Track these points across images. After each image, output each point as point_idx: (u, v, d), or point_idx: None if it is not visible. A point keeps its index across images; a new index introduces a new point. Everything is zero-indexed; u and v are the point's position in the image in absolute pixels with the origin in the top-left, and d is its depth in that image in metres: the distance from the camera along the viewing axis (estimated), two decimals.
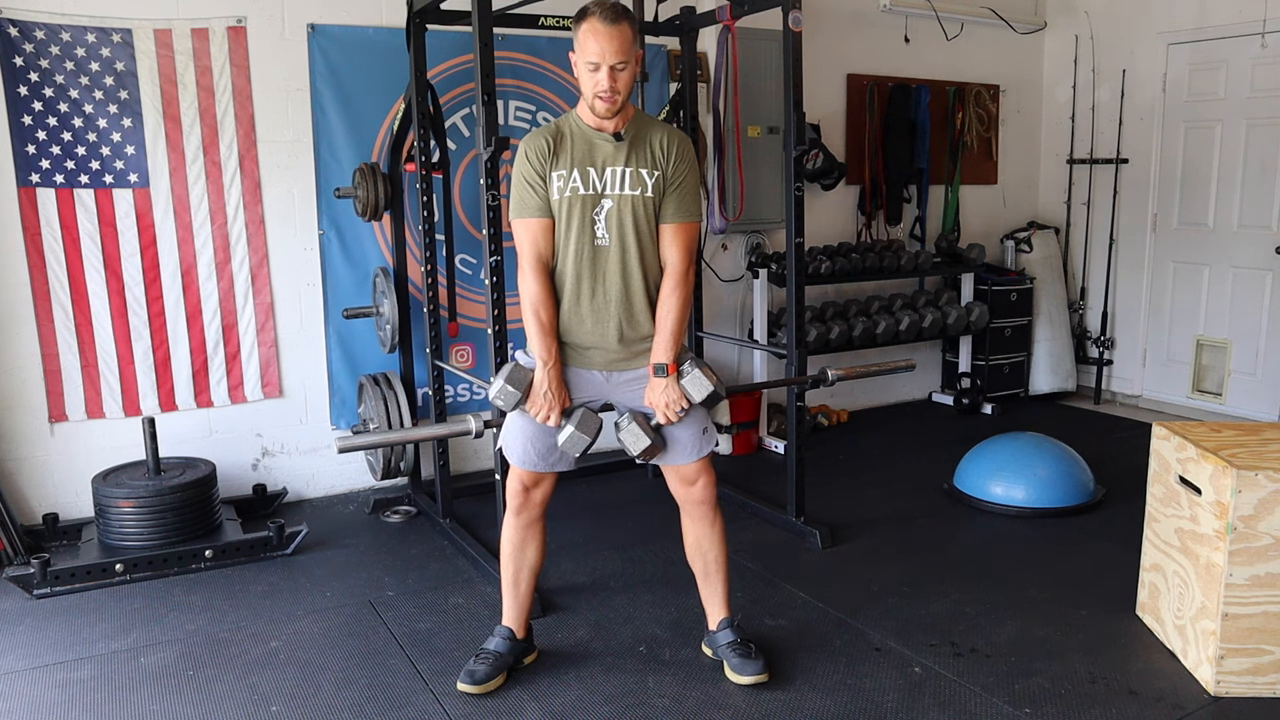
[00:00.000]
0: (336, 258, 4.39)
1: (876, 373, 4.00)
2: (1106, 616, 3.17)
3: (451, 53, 4.36)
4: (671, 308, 2.61)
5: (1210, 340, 5.74)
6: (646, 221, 2.61)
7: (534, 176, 2.58)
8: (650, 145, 2.61)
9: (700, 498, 2.71)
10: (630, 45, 2.51)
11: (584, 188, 2.58)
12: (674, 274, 2.62)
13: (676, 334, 2.61)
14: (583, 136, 2.60)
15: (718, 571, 2.82)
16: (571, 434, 2.59)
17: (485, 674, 2.74)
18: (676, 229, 2.63)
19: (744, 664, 2.77)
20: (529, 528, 2.77)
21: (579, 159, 2.58)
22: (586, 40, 2.49)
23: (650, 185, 2.59)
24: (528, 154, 2.59)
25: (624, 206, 2.59)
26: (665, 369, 2.59)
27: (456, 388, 4.68)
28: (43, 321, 3.90)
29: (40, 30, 3.75)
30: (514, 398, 2.58)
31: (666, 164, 2.61)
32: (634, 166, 2.59)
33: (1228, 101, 5.52)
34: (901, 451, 5.19)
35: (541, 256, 2.60)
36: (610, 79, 2.49)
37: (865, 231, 5.86)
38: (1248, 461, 2.63)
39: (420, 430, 3.76)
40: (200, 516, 3.75)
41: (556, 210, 2.59)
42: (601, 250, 2.61)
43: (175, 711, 2.68)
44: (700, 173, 4.62)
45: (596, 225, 2.60)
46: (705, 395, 2.57)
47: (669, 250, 2.63)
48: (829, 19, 5.45)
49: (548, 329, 2.60)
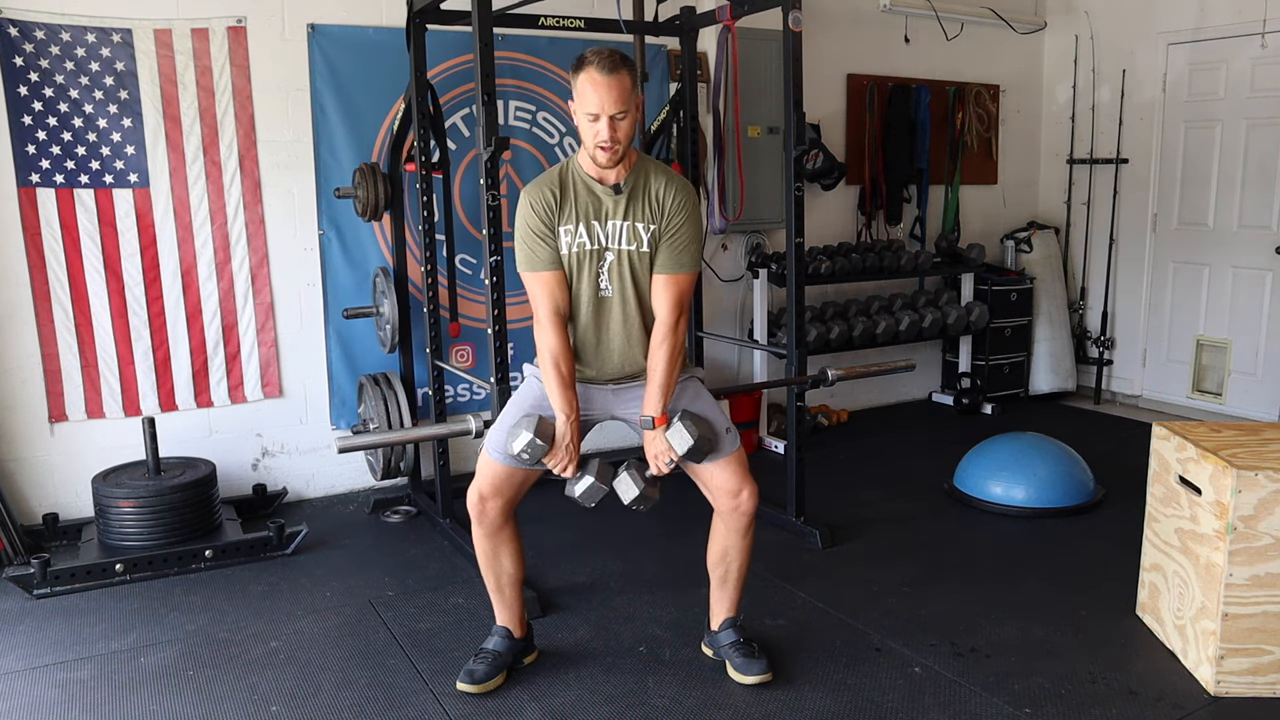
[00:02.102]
0: (336, 258, 4.39)
1: (876, 373, 4.01)
2: (1106, 616, 3.17)
3: (451, 53, 4.36)
4: (659, 360, 2.61)
5: (1210, 340, 5.73)
6: (645, 274, 2.64)
7: (542, 230, 2.59)
8: (649, 197, 2.61)
9: (745, 509, 2.67)
10: (630, 94, 2.50)
11: (590, 242, 2.60)
12: (662, 326, 2.63)
13: (664, 387, 2.61)
14: (585, 188, 2.60)
15: (738, 579, 2.81)
16: (591, 484, 2.61)
17: (484, 673, 2.74)
18: (667, 280, 2.63)
19: (748, 664, 2.77)
20: (495, 536, 2.70)
21: (583, 212, 2.60)
22: (585, 91, 2.48)
23: (646, 240, 2.61)
24: (533, 207, 2.59)
25: (623, 260, 2.62)
26: (652, 422, 2.61)
27: (456, 388, 4.68)
28: (43, 321, 3.90)
29: (40, 30, 3.75)
30: (542, 451, 2.55)
31: (663, 216, 2.61)
32: (632, 220, 2.60)
33: (1228, 101, 5.52)
34: (901, 451, 5.19)
35: (559, 309, 2.61)
36: (610, 129, 2.49)
37: (865, 231, 5.86)
38: (1248, 461, 2.63)
39: (420, 430, 3.76)
40: (200, 516, 3.75)
41: (566, 263, 2.62)
42: (605, 301, 2.64)
43: (175, 711, 2.68)
44: (700, 173, 4.66)
45: (600, 278, 2.63)
46: (686, 449, 2.56)
47: (658, 301, 2.64)
48: (829, 19, 5.45)
49: (568, 382, 2.61)
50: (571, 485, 2.64)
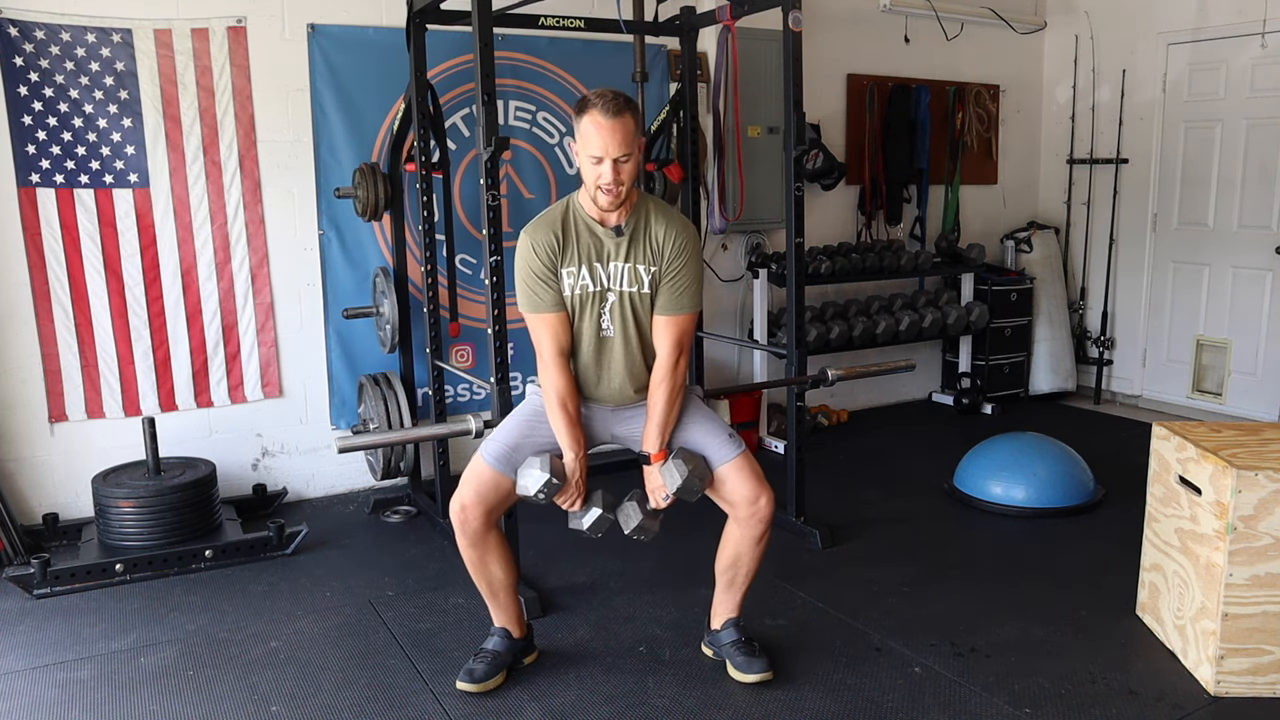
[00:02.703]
0: (336, 258, 4.39)
1: (876, 373, 4.01)
2: (1106, 616, 3.17)
3: (451, 53, 4.36)
4: (658, 400, 2.63)
5: (1210, 340, 5.73)
6: (646, 315, 2.67)
7: (545, 273, 2.60)
8: (650, 239, 2.62)
9: (763, 515, 2.66)
10: (633, 136, 2.50)
11: (592, 284, 2.62)
12: (662, 366, 2.65)
13: (662, 425, 2.64)
14: (587, 230, 2.62)
15: (745, 583, 2.81)
16: (599, 516, 2.66)
17: (484, 673, 2.74)
18: (668, 321, 2.65)
19: (749, 663, 2.77)
20: (479, 545, 2.68)
21: (585, 255, 2.61)
22: (589, 133, 2.49)
23: (647, 282, 2.63)
24: (535, 249, 2.59)
25: (625, 302, 2.64)
26: (648, 459, 2.65)
27: (456, 388, 4.68)
28: (43, 321, 3.90)
29: (40, 30, 3.75)
30: (556, 489, 2.60)
31: (663, 259, 2.62)
32: (633, 263, 2.62)
33: (1228, 101, 5.52)
34: (901, 451, 5.19)
35: (563, 349, 2.64)
36: (614, 172, 2.49)
37: (865, 231, 5.86)
38: (1248, 461, 2.63)
39: (420, 430, 3.76)
40: (200, 516, 3.75)
41: (568, 304, 2.63)
42: (607, 340, 2.67)
43: (175, 711, 2.68)
44: (700, 173, 4.66)
45: (603, 318, 2.65)
46: (675, 488, 2.60)
47: (659, 341, 2.66)
48: (829, 19, 5.45)
49: (574, 420, 2.64)
50: (578, 518, 2.69)
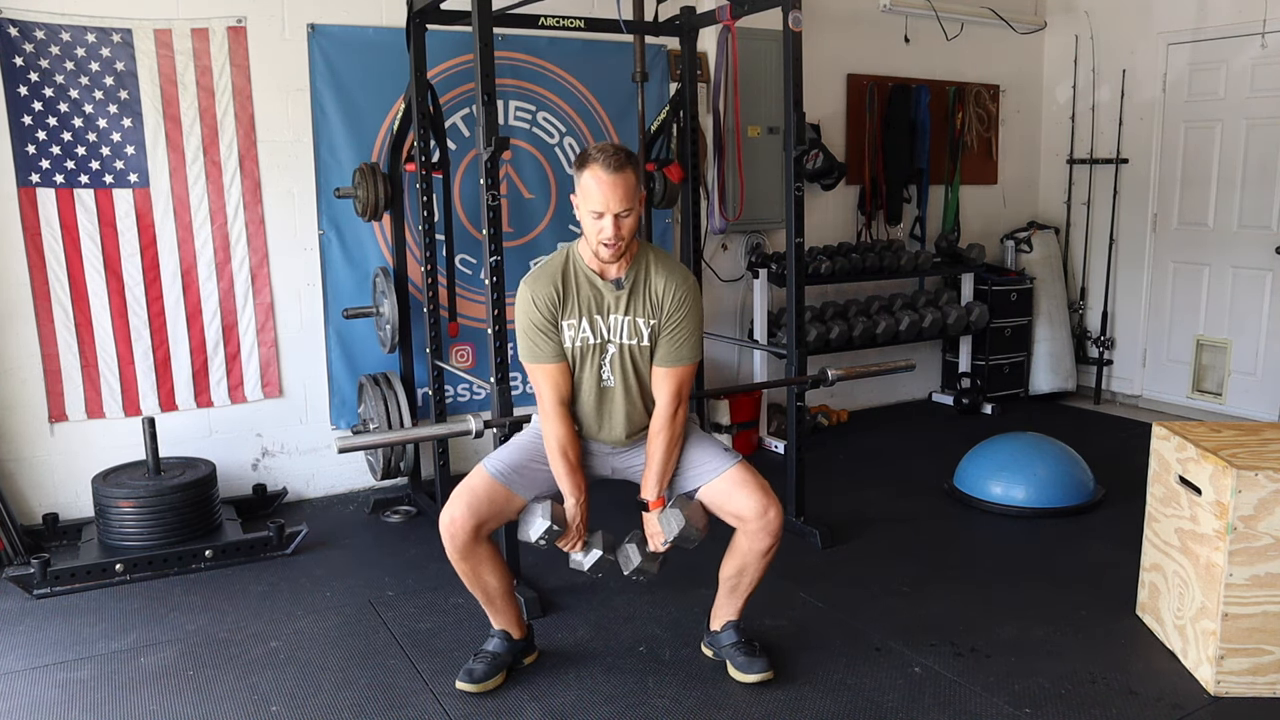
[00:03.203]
0: (336, 258, 4.39)
1: (876, 373, 4.01)
2: (1106, 616, 3.17)
3: (451, 53, 4.36)
4: (657, 448, 2.66)
5: (1210, 340, 5.74)
6: (646, 366, 2.69)
7: (545, 325, 2.62)
8: (650, 292, 2.63)
9: (772, 527, 2.65)
10: (634, 191, 2.51)
11: (593, 336, 2.64)
12: (660, 416, 2.66)
13: (660, 474, 2.66)
14: (587, 282, 2.63)
15: (748, 590, 2.81)
16: (600, 558, 2.71)
17: (483, 673, 2.74)
18: (667, 373, 2.66)
19: (749, 663, 2.77)
20: (470, 558, 2.67)
21: (585, 307, 2.62)
22: (589, 188, 2.50)
23: (647, 335, 2.65)
24: (535, 302, 2.61)
25: (625, 354, 2.66)
26: (646, 505, 2.68)
27: (456, 388, 4.68)
28: (43, 321, 3.90)
29: (40, 30, 3.75)
30: (558, 535, 2.65)
31: (662, 312, 2.63)
32: (633, 315, 2.63)
33: (1228, 101, 5.52)
34: (901, 451, 5.19)
35: (563, 399, 2.66)
36: (615, 227, 2.50)
37: (865, 231, 5.86)
38: (1248, 461, 2.63)
39: (420, 430, 3.76)
40: (200, 516, 3.75)
41: (568, 356, 2.65)
42: (608, 390, 2.69)
43: (175, 711, 2.68)
44: (700, 173, 4.66)
45: (603, 369, 2.67)
46: (673, 536, 2.63)
47: (658, 392, 2.68)
48: (829, 19, 5.45)
49: (575, 467, 2.67)
50: (579, 559, 2.73)
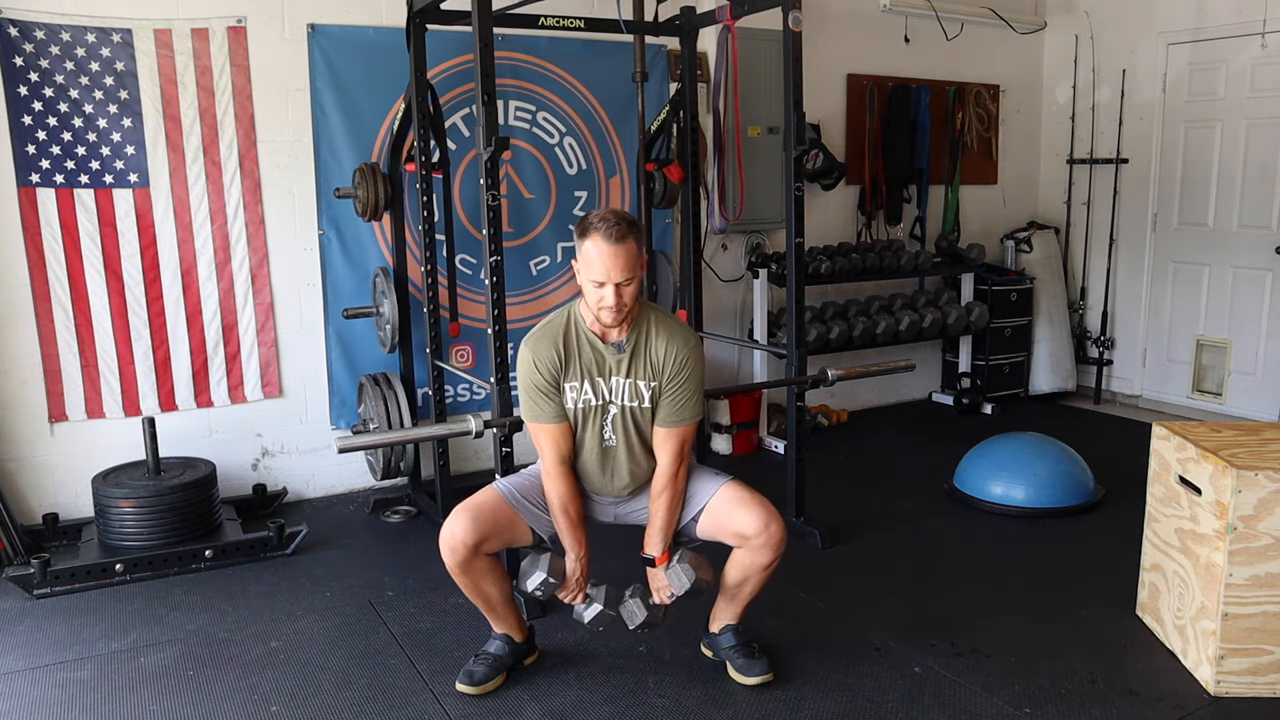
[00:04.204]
0: (336, 258, 4.39)
1: (876, 373, 4.01)
2: (1106, 616, 3.17)
3: (451, 53, 4.36)
4: (660, 507, 2.67)
5: (1210, 340, 5.73)
6: (648, 425, 2.70)
7: (547, 387, 2.63)
8: (650, 355, 2.64)
9: (774, 541, 2.63)
10: (635, 260, 2.52)
11: (595, 398, 2.65)
12: (663, 475, 2.68)
13: (665, 530, 2.68)
14: (589, 344, 2.64)
15: (749, 599, 2.81)
16: (600, 612, 2.71)
17: (484, 675, 2.74)
18: (669, 433, 2.67)
19: (750, 664, 2.77)
20: (469, 572, 2.67)
21: (587, 369, 2.63)
22: (590, 257, 2.50)
23: (648, 397, 2.66)
24: (537, 365, 2.62)
25: (626, 415, 2.67)
26: (653, 561, 2.69)
27: (456, 388, 4.68)
28: (43, 321, 3.90)
29: (40, 30, 3.75)
30: (554, 588, 2.68)
31: (663, 374, 2.64)
32: (634, 378, 2.64)
33: (1228, 101, 5.52)
34: (901, 451, 5.19)
35: (564, 458, 2.68)
36: (616, 296, 2.51)
37: (865, 231, 5.86)
38: (1248, 461, 2.63)
39: (420, 430, 3.76)
40: (200, 516, 3.75)
41: (571, 416, 2.66)
42: (610, 449, 2.70)
43: (175, 711, 2.68)
44: (700, 173, 4.66)
45: (605, 429, 2.68)
46: (684, 590, 2.65)
47: (659, 452, 2.69)
48: (829, 19, 5.44)
49: (576, 523, 2.68)
50: (580, 611, 2.74)
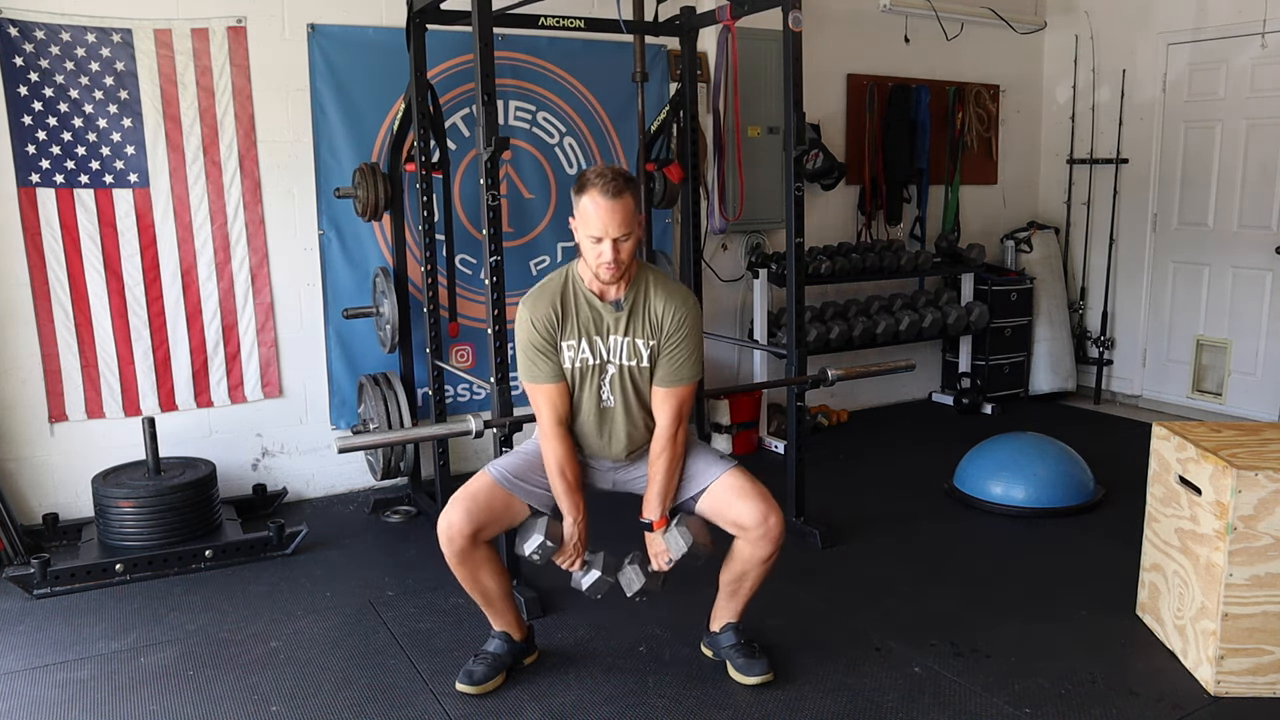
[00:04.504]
0: (336, 258, 4.39)
1: (876, 373, 4.01)
2: (1106, 616, 3.17)
3: (451, 53, 4.36)
4: (659, 469, 2.65)
5: (1210, 340, 5.74)
6: (646, 386, 2.69)
7: (544, 345, 2.62)
8: (649, 313, 2.63)
9: (773, 534, 2.64)
10: (633, 215, 2.52)
11: (592, 357, 2.64)
12: (661, 436, 2.66)
13: (663, 494, 2.66)
14: (586, 303, 2.63)
15: (749, 594, 2.81)
16: (598, 579, 2.68)
17: (483, 674, 2.75)
18: (666, 393, 2.66)
19: (750, 664, 2.77)
20: (467, 563, 2.68)
21: (584, 327, 2.63)
22: (588, 213, 2.50)
23: (646, 356, 2.65)
24: (534, 323, 2.61)
25: (624, 374, 2.66)
26: (650, 526, 2.67)
27: (456, 388, 4.68)
28: (43, 321, 3.90)
29: (40, 30, 3.75)
30: (552, 551, 2.65)
31: (661, 333, 2.63)
32: (632, 337, 2.63)
33: (1228, 101, 5.52)
34: (901, 451, 5.19)
35: (561, 418, 2.66)
36: (614, 251, 2.51)
37: (865, 231, 5.86)
38: (1248, 461, 2.63)
39: (420, 430, 3.76)
40: (200, 516, 3.75)
41: (569, 376, 2.65)
42: (608, 410, 2.69)
43: (175, 711, 2.68)
44: (700, 173, 4.66)
45: (603, 389, 2.67)
46: (680, 555, 2.62)
47: (658, 412, 2.68)
48: (829, 19, 5.45)
49: (574, 487, 2.66)
50: (578, 579, 2.72)
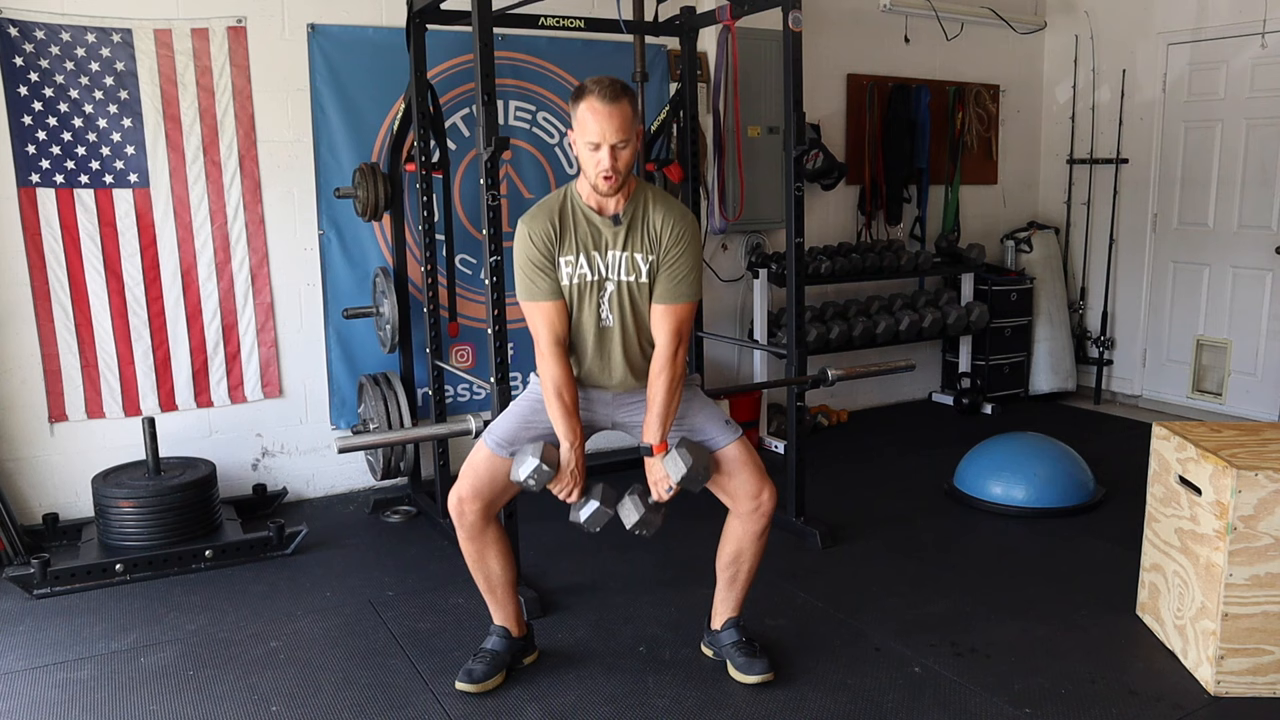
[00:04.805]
0: (336, 258, 4.39)
1: (876, 373, 4.01)
2: (1106, 616, 3.17)
3: (451, 53, 4.36)
4: (658, 390, 2.62)
5: (1210, 340, 5.74)
6: (645, 303, 2.65)
7: (542, 261, 2.59)
8: (648, 227, 2.61)
9: (765, 509, 2.66)
10: (630, 123, 2.50)
11: (590, 273, 2.62)
12: (661, 356, 2.63)
13: (664, 416, 2.62)
14: (584, 219, 2.61)
15: (746, 580, 2.81)
16: (596, 509, 2.63)
17: (483, 673, 2.74)
18: (665, 310, 2.63)
19: (750, 663, 2.77)
20: (478, 540, 2.69)
21: (583, 243, 2.60)
22: (586, 119, 2.49)
23: (645, 271, 2.62)
24: (532, 238, 2.59)
25: (623, 291, 2.63)
26: (650, 450, 2.63)
27: (456, 388, 4.68)
28: (43, 321, 3.90)
29: (40, 30, 3.75)
30: (548, 477, 2.59)
31: (660, 247, 2.61)
32: (630, 251, 2.61)
33: (1228, 101, 5.52)
34: (901, 451, 5.19)
35: (559, 338, 2.63)
36: (612, 158, 2.49)
37: (865, 231, 5.86)
38: (1248, 461, 2.63)
39: (420, 430, 3.76)
40: (200, 516, 3.75)
41: (567, 294, 2.63)
42: (606, 330, 2.66)
43: (175, 711, 2.68)
44: (700, 173, 4.66)
45: (601, 308, 2.64)
46: (680, 477, 2.58)
47: (657, 331, 2.65)
48: (829, 19, 5.45)
49: (571, 410, 2.62)
50: (576, 510, 2.67)
